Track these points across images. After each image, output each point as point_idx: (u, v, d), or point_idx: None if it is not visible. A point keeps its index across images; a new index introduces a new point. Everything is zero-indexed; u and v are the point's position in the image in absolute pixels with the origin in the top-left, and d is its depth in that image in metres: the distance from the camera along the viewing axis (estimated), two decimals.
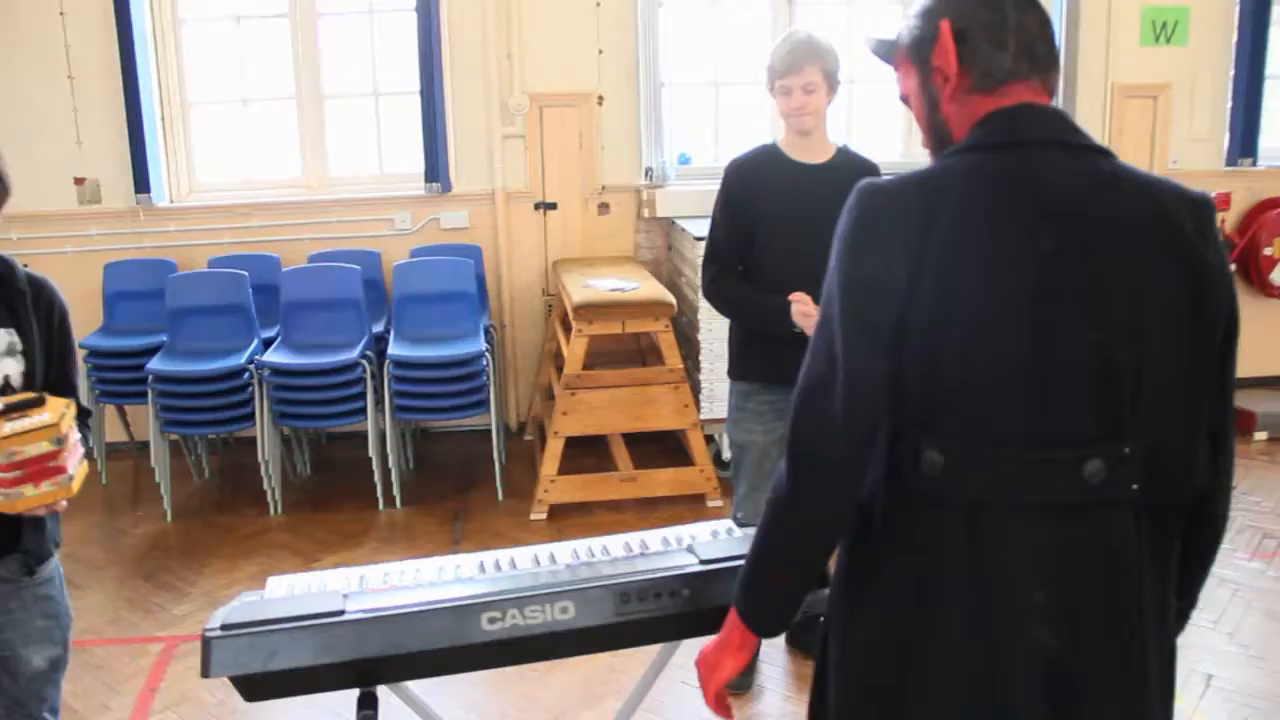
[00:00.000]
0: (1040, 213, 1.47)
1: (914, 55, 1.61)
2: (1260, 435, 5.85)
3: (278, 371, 4.96)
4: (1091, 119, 6.02)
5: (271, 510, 5.10)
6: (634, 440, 5.20)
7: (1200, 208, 1.54)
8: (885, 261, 1.48)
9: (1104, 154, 1.57)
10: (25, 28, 5.61)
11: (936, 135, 1.62)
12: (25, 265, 2.42)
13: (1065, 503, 1.49)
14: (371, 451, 5.04)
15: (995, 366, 1.47)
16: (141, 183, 5.71)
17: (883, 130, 6.24)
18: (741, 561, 1.75)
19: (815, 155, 3.31)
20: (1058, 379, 1.47)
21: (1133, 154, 6.19)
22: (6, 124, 5.65)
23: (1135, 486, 1.49)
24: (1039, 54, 1.55)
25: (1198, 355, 1.52)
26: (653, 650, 2.20)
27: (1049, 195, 1.48)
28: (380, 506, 5.11)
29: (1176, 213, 1.51)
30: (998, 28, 1.54)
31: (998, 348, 1.47)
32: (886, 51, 1.69)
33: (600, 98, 5.90)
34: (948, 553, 1.51)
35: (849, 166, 3.31)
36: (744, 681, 3.52)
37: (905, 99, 1.68)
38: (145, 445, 5.33)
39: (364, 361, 4.97)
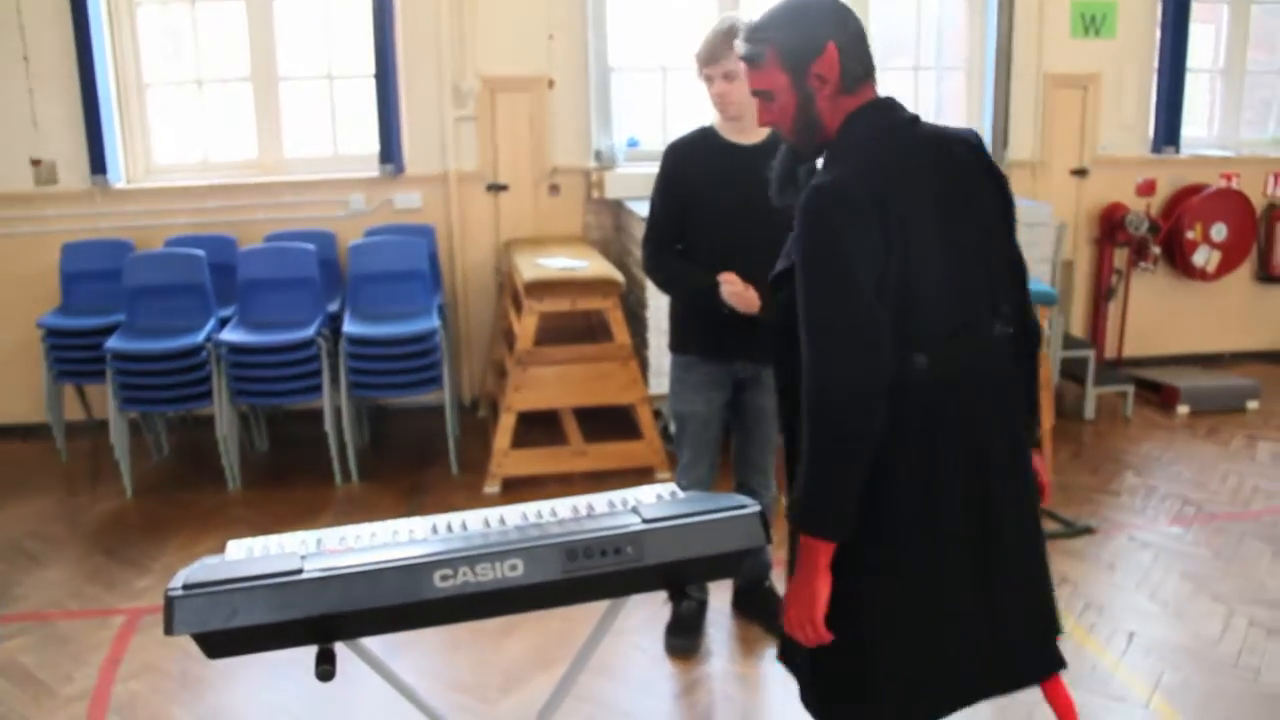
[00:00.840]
0: (934, 169, 2.09)
1: (788, 63, 2.09)
2: (1183, 410, 6.08)
3: (235, 349, 5.03)
4: (1024, 107, 6.21)
5: (230, 485, 5.18)
6: (584, 415, 5.32)
7: (978, 138, 2.23)
8: (869, 244, 1.98)
9: (920, 119, 2.19)
10: None
11: (807, 123, 2.14)
12: None
13: (997, 360, 2.18)
14: (328, 427, 5.13)
15: (944, 283, 2.05)
16: (98, 164, 5.74)
17: None
18: (681, 521, 2.00)
19: (749, 136, 3.38)
20: (972, 278, 2.12)
21: (1064, 140, 6.40)
22: None
23: (1010, 331, 2.20)
24: (869, 60, 2.15)
25: (1010, 233, 2.26)
26: (600, 615, 2.33)
27: (933, 156, 2.11)
28: (338, 481, 5.21)
29: (974, 146, 2.20)
30: (855, 45, 2.11)
31: (944, 270, 2.05)
32: (755, 56, 2.12)
33: (551, 81, 6.00)
34: (944, 420, 2.09)
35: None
36: (691, 645, 3.66)
37: (764, 93, 2.14)
38: (104, 424, 5.37)
39: (320, 339, 5.05)
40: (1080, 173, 6.52)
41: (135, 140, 6.03)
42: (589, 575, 1.99)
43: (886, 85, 2.16)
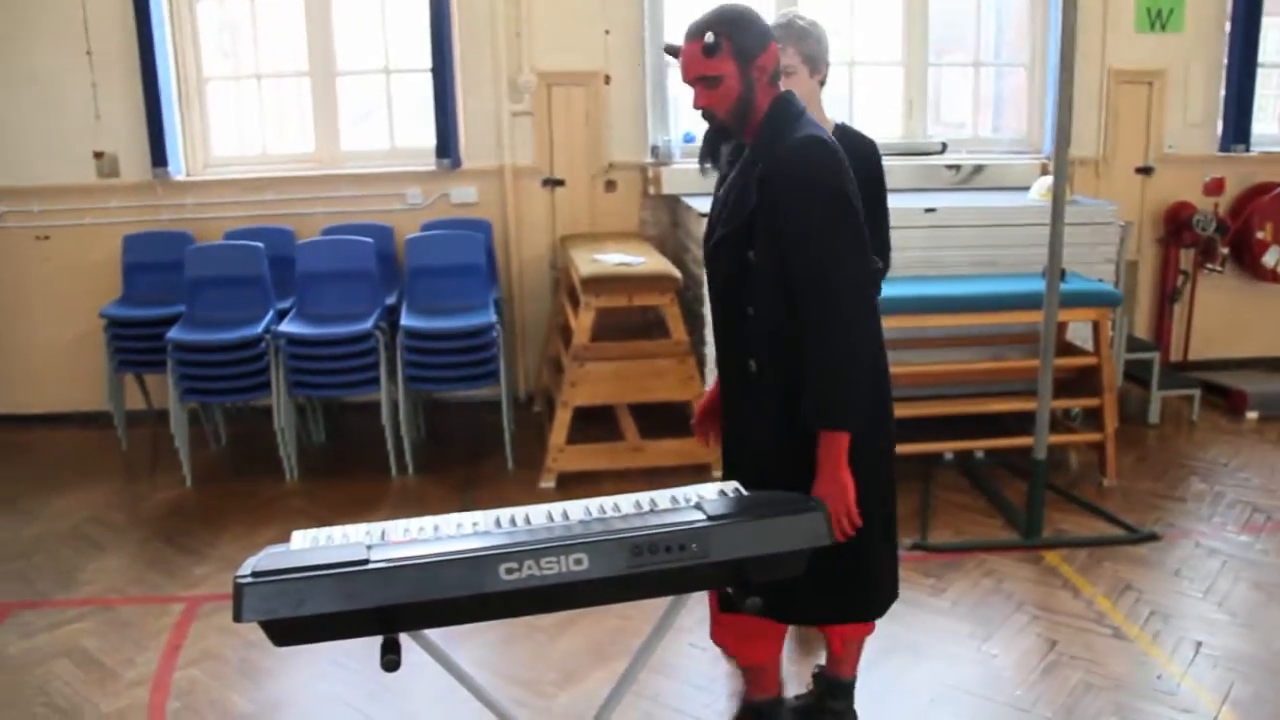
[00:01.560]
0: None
1: (740, 56, 2.48)
2: (1252, 415, 5.96)
3: (293, 341, 5.07)
4: (1088, 103, 6.12)
5: (287, 477, 5.23)
6: (640, 411, 5.29)
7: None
8: (851, 179, 2.50)
9: None
10: (46, 5, 5.70)
11: (744, 107, 2.51)
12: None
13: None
14: (384, 420, 5.16)
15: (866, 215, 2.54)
16: (159, 157, 5.81)
17: (883, 110, 6.31)
18: (747, 519, 1.99)
19: None
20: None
21: (1128, 138, 6.30)
22: (29, 100, 5.77)
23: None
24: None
25: None
26: (657, 612, 2.31)
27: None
28: (393, 474, 5.23)
29: None
30: (780, 47, 2.67)
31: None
32: (716, 47, 2.46)
33: (607, 76, 5.99)
34: (878, 319, 2.64)
35: (846, 143, 3.34)
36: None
37: (713, 78, 2.49)
38: (163, 413, 5.44)
39: (377, 332, 5.07)
40: (1145, 171, 6.40)
41: (195, 134, 6.09)
42: (653, 571, 1.96)
43: (944, 81, 2.18)
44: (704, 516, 2.03)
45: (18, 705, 3.38)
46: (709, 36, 2.46)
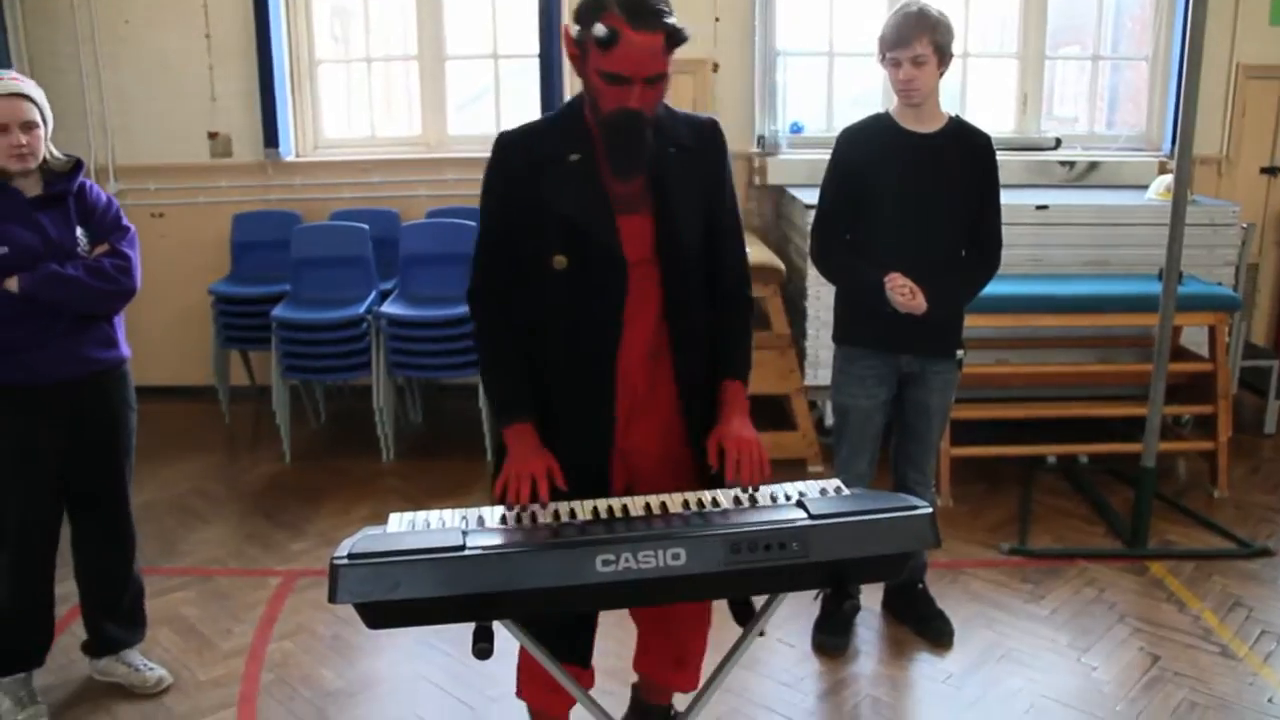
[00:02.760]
0: None
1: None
2: None
3: (394, 322, 5.12)
4: (1213, 100, 5.89)
5: (384, 456, 5.29)
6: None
7: None
8: None
9: None
10: None
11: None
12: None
13: None
14: (482, 404, 5.18)
15: None
16: (271, 138, 5.92)
17: (996, 103, 6.17)
18: (849, 519, 1.92)
19: (926, 124, 3.28)
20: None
21: (1255, 137, 6.06)
22: (149, 82, 5.94)
23: None
24: None
25: None
26: None
27: None
28: (489, 458, 5.25)
29: None
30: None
31: None
32: (685, 38, 2.18)
33: (715, 65, 5.93)
34: None
35: (961, 137, 3.31)
36: (840, 643, 3.58)
37: (665, 76, 2.19)
38: (266, 389, 5.55)
39: None
40: (1271, 171, 6.16)
41: (306, 116, 6.18)
42: (751, 568, 1.93)
43: (1059, 75, 2.07)
44: (805, 515, 1.99)
45: None
46: (676, 22, 2.16)
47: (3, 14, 5.69)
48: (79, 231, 3.06)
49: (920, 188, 3.25)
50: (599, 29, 2.08)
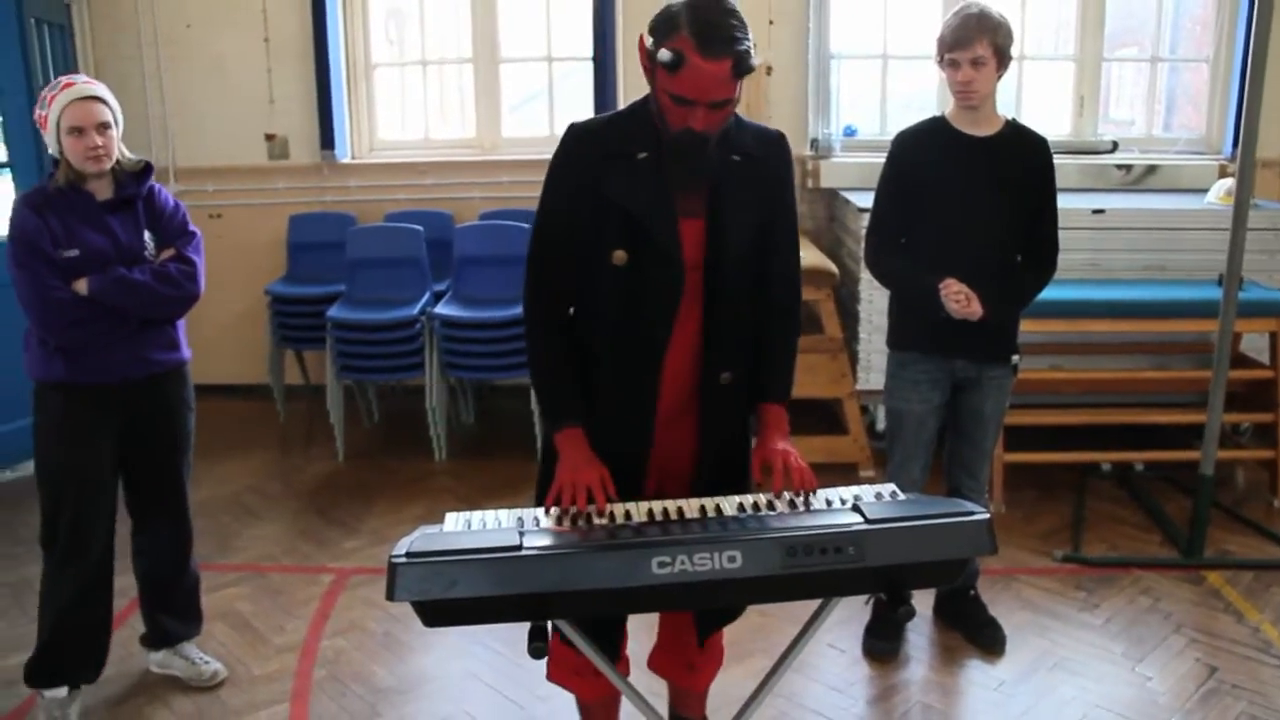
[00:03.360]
0: None
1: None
2: None
3: (447, 323, 5.16)
4: (1276, 101, 5.75)
5: (436, 456, 5.33)
6: (790, 406, 5.21)
7: None
8: None
9: None
10: None
11: None
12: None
13: None
14: (534, 404, 5.20)
15: None
16: (327, 139, 6.00)
17: (1051, 106, 6.11)
18: (906, 524, 1.92)
19: (983, 127, 3.26)
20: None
21: None
22: (208, 85, 6.04)
23: None
24: None
25: None
26: (798, 610, 2.28)
27: None
28: (539, 458, 5.27)
29: None
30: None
31: None
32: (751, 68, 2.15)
33: (769, 68, 5.91)
34: None
35: (1017, 140, 3.28)
36: (891, 648, 3.56)
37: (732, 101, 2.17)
38: (320, 388, 5.61)
39: None
40: None
41: (361, 118, 6.25)
42: (807, 572, 1.93)
43: (1115, 77, 2.04)
44: (861, 519, 1.99)
45: None
46: (747, 49, 2.13)
47: (70, 18, 5.81)
48: (146, 235, 3.11)
49: (976, 192, 3.23)
50: (664, 54, 2.08)
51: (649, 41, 2.16)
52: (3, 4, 5.15)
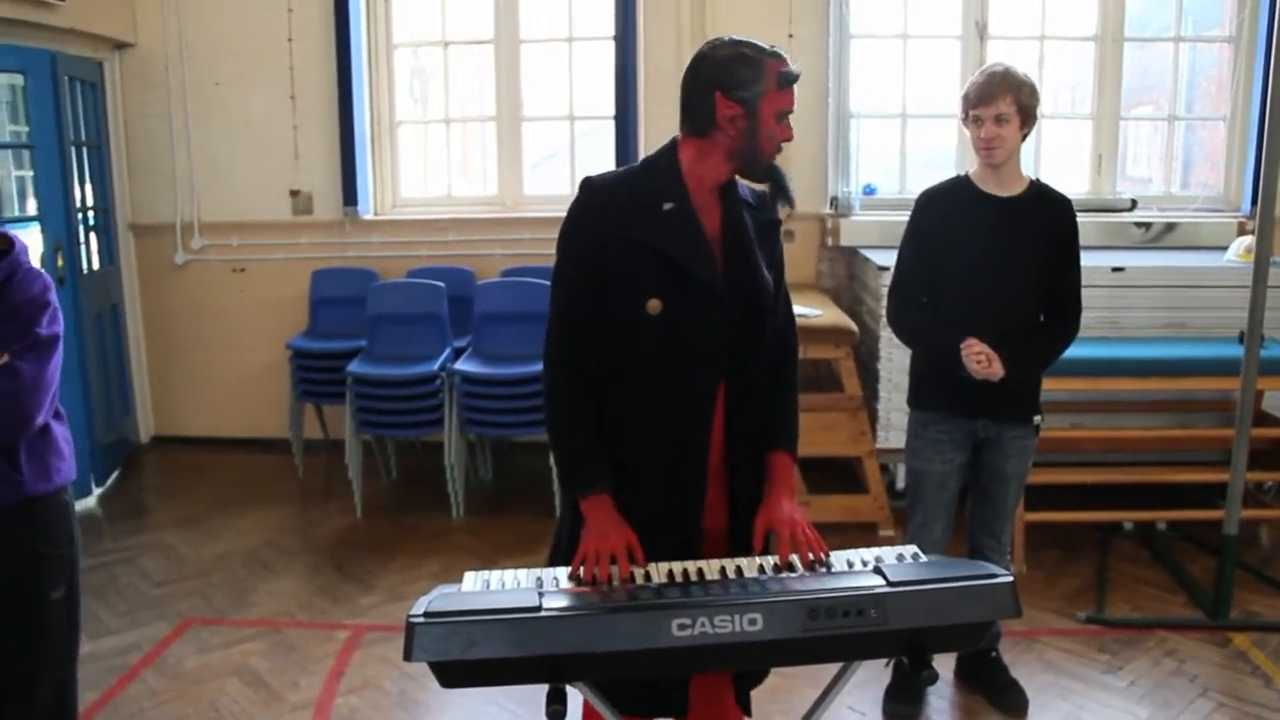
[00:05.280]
0: None
1: None
2: None
3: (468, 380, 5.17)
4: None
5: (454, 513, 5.31)
6: (809, 465, 5.19)
7: None
8: None
9: None
10: (261, 54, 6.05)
11: None
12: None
13: None
14: (552, 462, 5.20)
15: None
16: (350, 196, 6.07)
17: (1070, 164, 6.13)
18: (928, 587, 1.89)
19: (1007, 187, 3.27)
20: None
21: None
22: (235, 141, 6.14)
23: None
24: None
25: None
26: (819, 673, 2.25)
27: None
28: (558, 516, 5.26)
29: None
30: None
31: None
32: None
33: None
34: None
35: (1041, 201, 3.29)
36: (912, 712, 3.52)
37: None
38: (338, 443, 5.63)
39: None
40: None
41: (385, 175, 6.32)
42: (829, 635, 1.91)
43: (1134, 135, 2.05)
44: (883, 581, 1.97)
45: (190, 719, 3.51)
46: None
47: (103, 75, 5.92)
48: None
49: (1001, 252, 3.23)
50: (791, 70, 2.32)
51: (736, 94, 2.28)
52: (39, 62, 5.26)
